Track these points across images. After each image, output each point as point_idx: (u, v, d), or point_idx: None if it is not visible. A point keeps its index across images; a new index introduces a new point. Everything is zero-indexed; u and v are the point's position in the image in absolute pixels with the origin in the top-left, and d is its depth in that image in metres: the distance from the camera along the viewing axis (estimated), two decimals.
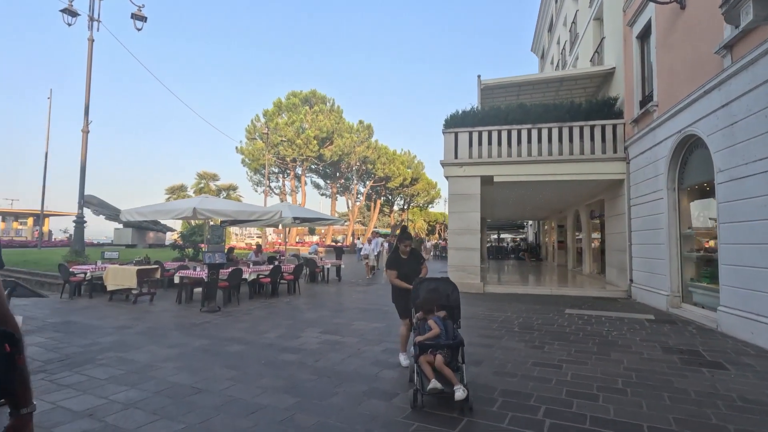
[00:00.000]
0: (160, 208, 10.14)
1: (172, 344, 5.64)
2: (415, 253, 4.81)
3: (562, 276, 15.13)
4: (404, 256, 4.74)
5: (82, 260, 11.22)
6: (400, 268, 4.65)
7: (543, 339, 5.97)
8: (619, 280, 11.18)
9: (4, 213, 47.04)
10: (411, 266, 4.67)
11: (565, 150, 11.09)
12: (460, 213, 11.64)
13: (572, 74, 12.57)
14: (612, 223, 11.85)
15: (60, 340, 5.84)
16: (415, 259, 4.78)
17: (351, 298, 10.24)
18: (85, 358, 4.96)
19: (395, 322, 7.14)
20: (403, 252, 4.74)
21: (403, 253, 4.73)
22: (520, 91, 13.64)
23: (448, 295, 4.01)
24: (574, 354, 5.17)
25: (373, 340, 5.93)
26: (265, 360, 4.92)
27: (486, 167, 11.55)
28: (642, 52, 10.15)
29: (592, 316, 7.84)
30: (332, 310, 8.48)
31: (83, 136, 12.44)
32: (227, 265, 9.81)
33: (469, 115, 11.95)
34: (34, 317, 7.41)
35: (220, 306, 8.49)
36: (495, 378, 4.26)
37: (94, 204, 27.43)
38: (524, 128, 11.37)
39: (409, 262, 4.71)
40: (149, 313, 7.96)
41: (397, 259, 4.72)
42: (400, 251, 4.74)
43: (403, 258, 4.72)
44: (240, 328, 6.65)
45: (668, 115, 8.27)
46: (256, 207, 12.12)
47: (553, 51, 23.07)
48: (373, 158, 40.45)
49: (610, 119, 10.93)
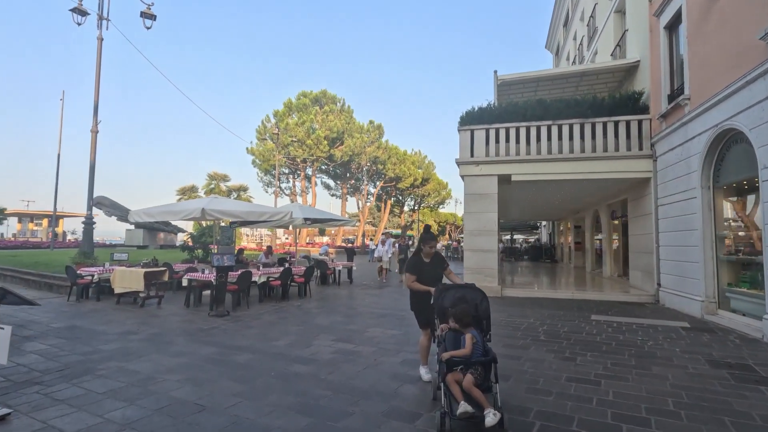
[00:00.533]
0: (169, 208, 9.90)
1: (177, 352, 5.33)
2: (439, 256, 4.36)
3: (581, 279, 14.57)
4: (426, 260, 4.28)
5: (90, 262, 11.05)
6: (420, 273, 4.20)
7: (573, 349, 5.52)
8: (645, 283, 10.62)
9: (20, 214, 47.75)
10: (433, 271, 4.22)
11: (587, 147, 10.58)
12: (476, 213, 11.20)
13: (593, 68, 12.04)
14: (636, 224, 11.30)
15: (61, 347, 5.56)
16: (439, 263, 4.32)
17: (364, 301, 9.87)
18: (85, 368, 4.67)
19: (413, 329, 6.75)
20: (426, 254, 4.27)
21: (426, 256, 4.27)
22: (537, 87, 13.14)
23: (476, 305, 3.61)
24: (611, 368, 4.72)
25: (390, 349, 5.55)
26: (275, 372, 4.56)
27: (503, 166, 11.09)
28: (670, 43, 9.61)
29: (621, 323, 7.35)
30: (345, 315, 8.12)
31: (92, 136, 12.29)
32: (236, 267, 9.52)
33: (485, 112, 11.50)
34: (39, 321, 7.18)
35: (229, 310, 8.19)
36: (528, 396, 3.84)
37: (106, 205, 27.56)
38: (544, 125, 10.88)
39: (431, 266, 4.26)
40: (156, 318, 7.69)
41: (418, 263, 4.26)
42: (423, 254, 4.27)
43: (425, 261, 4.26)
44: (249, 335, 6.32)
45: (702, 108, 7.74)
46: (266, 207, 11.83)
47: (569, 47, 22.46)
48: (383, 158, 40.10)
49: (634, 115, 10.39)
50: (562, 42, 24.67)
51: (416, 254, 4.33)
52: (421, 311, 4.23)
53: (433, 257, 4.31)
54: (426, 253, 4.26)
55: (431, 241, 4.24)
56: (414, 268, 4.26)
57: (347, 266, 14.19)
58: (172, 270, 10.65)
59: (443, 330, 3.56)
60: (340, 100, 38.34)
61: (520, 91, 13.20)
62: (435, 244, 4.27)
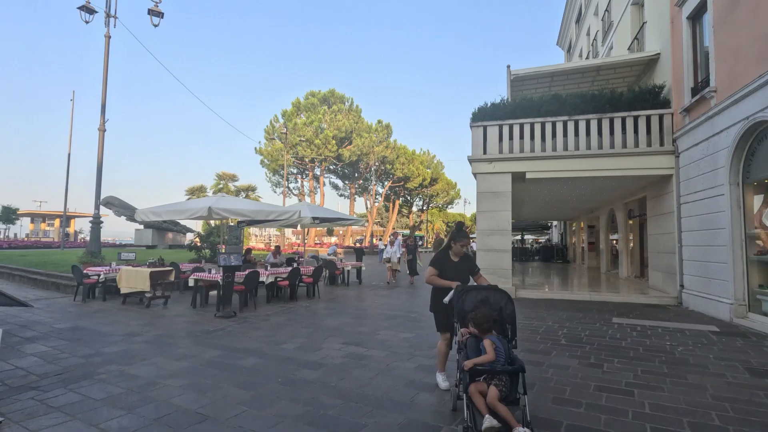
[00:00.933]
0: (175, 207, 9.72)
1: (181, 356, 5.11)
2: (468, 258, 4.01)
3: (597, 280, 14.14)
4: (455, 258, 3.93)
5: (97, 261, 10.93)
6: (443, 271, 3.87)
7: (598, 355, 5.19)
8: (666, 285, 10.20)
9: (33, 215, 48.34)
10: (459, 273, 3.86)
11: (605, 143, 10.19)
12: (489, 212, 10.87)
13: (611, 62, 11.63)
14: (657, 223, 10.87)
15: (63, 349, 5.38)
16: (467, 265, 3.96)
17: (374, 302, 9.60)
18: (85, 372, 4.46)
19: (425, 332, 6.48)
20: (455, 253, 3.91)
21: (455, 255, 3.93)
22: (552, 82, 12.77)
23: (501, 308, 3.31)
24: (643, 376, 4.39)
25: (402, 353, 5.26)
26: (283, 378, 4.31)
27: (517, 163, 10.75)
28: (693, 34, 9.20)
29: (645, 326, 6.98)
30: (354, 316, 7.86)
31: (100, 135, 12.19)
32: (244, 267, 9.31)
33: (498, 108, 11.17)
34: (42, 322, 7.02)
35: (236, 311, 7.98)
36: (556, 408, 3.53)
37: (115, 205, 27.59)
38: (559, 120, 10.52)
39: (457, 266, 3.91)
40: (161, 319, 7.50)
41: (445, 260, 3.91)
42: (452, 251, 3.93)
43: (452, 260, 3.93)
44: (256, 337, 6.09)
45: (731, 101, 7.34)
46: (274, 206, 11.61)
47: (582, 43, 21.97)
48: (391, 158, 39.87)
49: (655, 109, 9.98)
50: (575, 38, 24.18)
51: (444, 250, 4.00)
52: (441, 312, 3.91)
53: (462, 257, 3.97)
54: (455, 251, 3.93)
55: (463, 239, 3.89)
56: (437, 263, 3.93)
57: (356, 266, 13.93)
58: (179, 270, 10.48)
59: (464, 335, 3.27)
60: (349, 99, 38.18)
61: (534, 86, 12.84)
62: (468, 242, 3.93)
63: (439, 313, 3.90)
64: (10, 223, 38.56)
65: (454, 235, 3.93)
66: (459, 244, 3.90)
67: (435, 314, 4.01)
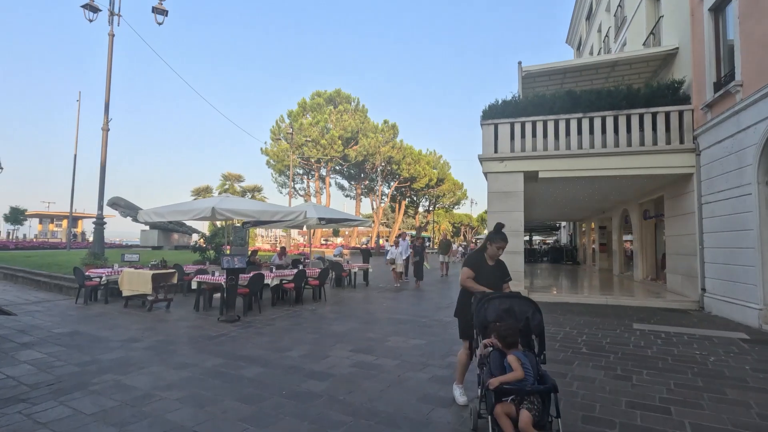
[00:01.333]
0: (179, 208, 9.49)
1: (180, 364, 4.84)
2: (502, 264, 3.68)
3: (611, 282, 13.73)
4: (490, 263, 3.59)
5: (100, 263, 10.74)
6: (479, 275, 3.52)
7: (624, 365, 4.85)
8: (686, 288, 9.80)
9: (41, 215, 48.66)
10: (493, 278, 3.51)
11: (621, 141, 9.82)
12: (500, 213, 10.52)
13: (626, 57, 11.24)
14: (675, 224, 10.46)
15: (58, 356, 5.14)
16: (501, 271, 3.62)
17: (381, 306, 9.30)
18: (78, 382, 4.21)
19: (437, 339, 6.17)
20: (490, 256, 3.57)
21: (491, 258, 3.59)
22: (564, 79, 12.40)
23: (527, 318, 3.00)
24: (677, 390, 4.04)
25: (414, 363, 4.96)
26: (288, 390, 4.02)
27: (530, 162, 10.40)
28: (716, 26, 8.80)
29: (669, 333, 6.61)
30: (362, 321, 7.56)
31: (103, 135, 12.02)
32: (248, 269, 9.06)
33: (509, 105, 10.83)
34: (41, 326, 6.80)
35: (240, 315, 7.72)
36: (588, 429, 3.21)
37: (121, 206, 27.44)
38: (573, 118, 10.16)
39: (492, 272, 3.58)
40: (163, 323, 7.26)
41: (480, 262, 3.58)
42: (487, 254, 3.58)
43: (487, 264, 3.61)
44: (260, 344, 5.81)
45: (760, 95, 6.96)
46: (280, 207, 11.36)
47: (593, 40, 21.53)
48: (398, 158, 39.57)
49: (674, 105, 9.58)
50: (585, 36, 23.73)
51: (479, 252, 3.67)
52: (465, 317, 3.60)
53: (497, 262, 3.64)
54: (491, 254, 3.58)
55: (501, 242, 3.54)
56: (473, 264, 3.59)
57: (363, 268, 13.64)
58: (182, 272, 10.27)
59: (486, 346, 2.96)
60: (355, 99, 37.95)
61: (546, 83, 12.47)
62: (505, 246, 3.58)
63: (466, 320, 3.59)
64: (18, 224, 38.78)
65: (492, 237, 3.59)
66: (495, 246, 3.55)
67: (460, 320, 3.70)
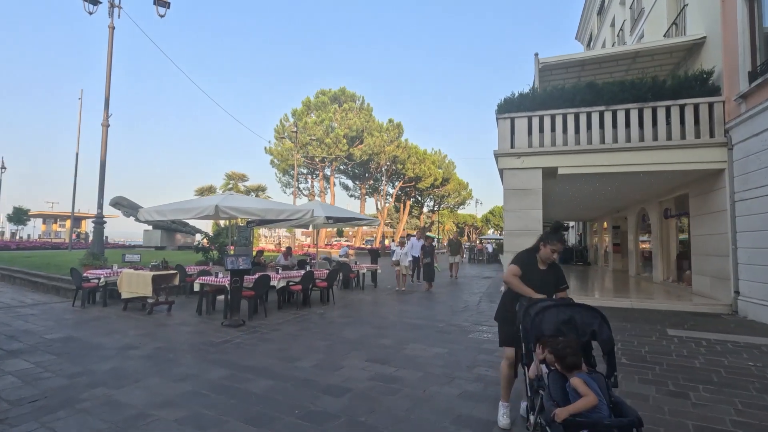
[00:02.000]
0: (181, 206, 9.06)
1: (180, 376, 4.38)
2: (557, 269, 3.23)
3: (630, 284, 13.17)
4: (542, 266, 3.16)
5: (99, 264, 10.31)
6: (527, 278, 3.08)
7: (675, 379, 4.34)
8: (716, 291, 9.25)
9: (44, 216, 48.49)
10: (543, 284, 3.06)
11: (647, 136, 9.29)
12: (517, 211, 10.02)
13: (650, 48, 10.70)
14: (703, 223, 9.91)
15: (47, 366, 4.69)
16: (555, 276, 3.18)
17: (393, 309, 8.82)
18: (66, 398, 3.75)
19: (459, 347, 5.68)
20: (544, 258, 3.15)
21: (543, 261, 3.17)
22: (582, 72, 11.88)
23: (593, 332, 2.51)
24: (746, 411, 3.53)
25: (439, 375, 4.47)
26: (300, 409, 3.54)
27: (548, 157, 9.88)
28: (750, 13, 8.26)
29: (710, 340, 6.09)
30: (375, 326, 7.08)
31: (103, 131, 11.61)
32: (253, 270, 8.60)
33: (526, 98, 10.32)
34: (33, 331, 6.37)
35: (245, 319, 7.26)
36: None
37: (124, 206, 27.03)
38: (595, 111, 9.63)
39: (545, 277, 3.12)
40: (163, 327, 6.81)
41: (530, 263, 3.15)
42: (541, 255, 3.15)
43: (539, 268, 3.15)
44: (267, 352, 5.34)
45: None
46: (286, 205, 10.91)
47: (605, 35, 20.97)
48: (403, 158, 39.04)
49: (703, 97, 9.05)
50: (596, 31, 23.17)
51: (530, 252, 3.22)
52: (508, 321, 3.14)
53: (551, 266, 3.19)
54: (544, 256, 3.14)
55: (557, 244, 3.09)
56: (522, 262, 3.16)
57: (371, 269, 13.17)
58: (185, 273, 9.83)
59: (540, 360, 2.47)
60: (360, 98, 37.47)
61: (563, 76, 11.96)
62: (561, 249, 3.10)
63: (509, 325, 3.11)
64: (21, 224, 38.56)
65: (546, 237, 3.14)
66: (549, 248, 3.09)
67: (502, 325, 3.25)
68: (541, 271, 3.13)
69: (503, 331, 3.26)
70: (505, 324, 3.23)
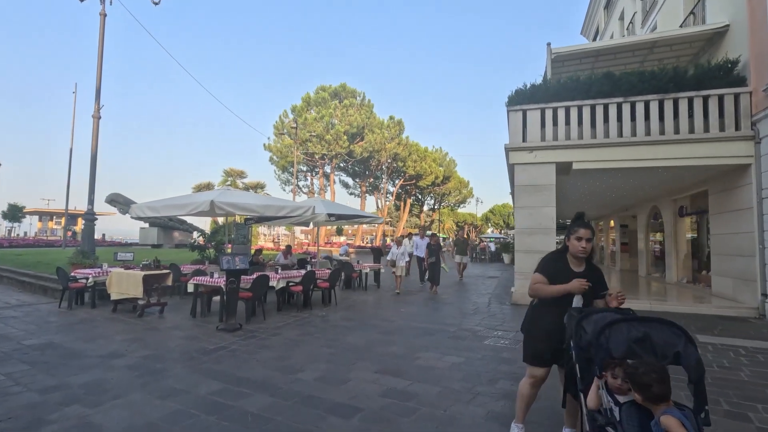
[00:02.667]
0: (175, 202, 8.55)
1: (168, 390, 3.87)
2: (595, 271, 2.65)
3: (644, 285, 12.70)
4: (577, 268, 2.59)
5: (89, 263, 9.79)
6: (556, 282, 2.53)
7: (726, 396, 3.85)
8: (739, 293, 8.77)
9: (40, 213, 47.91)
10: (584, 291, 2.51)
11: (668, 129, 8.79)
12: (529, 208, 9.52)
13: (668, 37, 10.19)
14: (725, 221, 9.43)
15: (19, 378, 4.18)
16: (595, 280, 2.57)
17: (399, 312, 8.31)
18: (33, 419, 3.25)
19: (476, 354, 5.19)
20: (575, 253, 2.57)
21: (576, 261, 2.60)
22: (596, 63, 11.38)
23: (677, 354, 2.01)
24: None
25: (459, 390, 3.97)
26: None
27: (563, 152, 9.39)
28: None
29: (748, 348, 5.60)
30: (382, 330, 6.58)
31: (94, 123, 11.08)
32: (251, 270, 8.09)
33: (539, 89, 9.81)
34: (12, 336, 5.85)
35: (242, 323, 6.75)
36: None
37: (120, 203, 26.45)
38: (613, 102, 9.13)
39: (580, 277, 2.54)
40: (153, 332, 6.30)
41: (560, 268, 2.60)
42: (572, 253, 2.58)
43: (572, 270, 2.58)
44: (265, 360, 4.84)
45: None
46: (286, 201, 10.41)
47: (612, 28, 20.46)
48: (403, 155, 38.55)
49: (728, 88, 8.55)
50: (603, 25, 22.64)
51: (559, 253, 2.67)
52: (539, 337, 2.62)
53: (589, 267, 2.63)
54: (576, 251, 2.55)
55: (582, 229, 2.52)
56: (548, 270, 2.59)
57: (374, 268, 12.67)
58: (179, 272, 9.32)
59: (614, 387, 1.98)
60: (360, 94, 36.95)
61: (576, 67, 11.45)
62: (591, 235, 2.53)
63: (540, 340, 2.60)
64: (16, 221, 37.98)
65: (570, 226, 2.61)
66: (575, 238, 2.53)
67: (529, 340, 2.73)
68: (576, 275, 2.55)
69: (531, 347, 2.72)
70: (533, 340, 2.71)
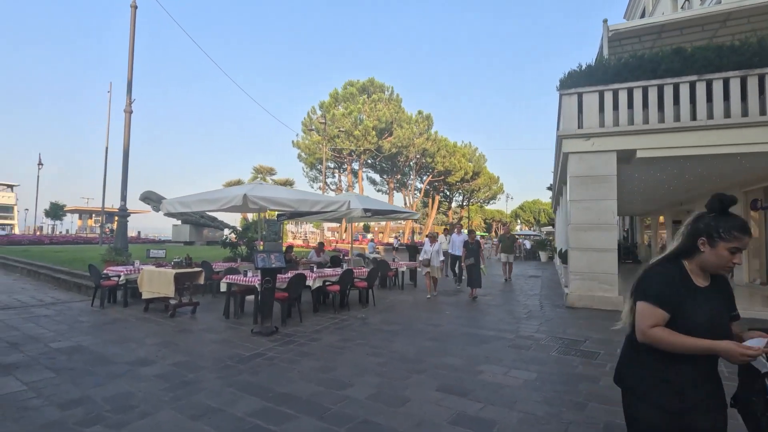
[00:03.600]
0: (206, 197, 8.14)
1: (200, 408, 3.36)
2: (723, 284, 1.69)
3: None
4: (701, 282, 1.64)
5: (121, 260, 9.58)
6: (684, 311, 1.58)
7: None
8: None
9: (80, 211, 49.84)
10: (712, 313, 1.59)
11: (752, 110, 7.69)
12: (586, 202, 8.62)
13: (747, 6, 9.00)
14: None
15: (41, 389, 3.77)
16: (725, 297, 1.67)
17: (444, 315, 7.62)
18: None
19: (546, 368, 4.44)
20: (711, 267, 1.62)
21: (698, 273, 1.64)
22: (658, 40, 10.28)
23: None
24: None
25: (544, 417, 3.26)
26: None
27: (625, 138, 8.41)
28: None
29: None
30: (430, 337, 5.92)
31: (126, 117, 10.90)
32: (286, 268, 7.60)
33: (597, 70, 8.85)
34: (40, 338, 5.54)
35: (277, 326, 6.24)
36: None
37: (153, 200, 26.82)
38: (684, 81, 8.09)
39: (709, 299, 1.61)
40: (186, 334, 5.88)
41: (678, 287, 1.62)
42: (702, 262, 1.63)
43: (696, 285, 1.63)
44: (307, 372, 4.28)
45: None
46: (321, 196, 9.91)
47: (663, 7, 18.93)
48: (432, 151, 37.70)
49: None
50: (651, 6, 21.06)
51: (672, 264, 1.68)
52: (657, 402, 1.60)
53: (716, 280, 1.67)
54: (713, 263, 1.61)
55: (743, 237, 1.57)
56: (666, 296, 1.60)
57: (411, 266, 12.03)
58: (211, 270, 8.96)
59: None
60: (389, 88, 36.31)
61: (635, 46, 10.40)
62: (747, 244, 1.59)
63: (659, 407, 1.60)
64: (58, 219, 39.55)
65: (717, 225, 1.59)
66: (727, 249, 1.57)
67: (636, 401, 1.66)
68: (704, 293, 1.63)
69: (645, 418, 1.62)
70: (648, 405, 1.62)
